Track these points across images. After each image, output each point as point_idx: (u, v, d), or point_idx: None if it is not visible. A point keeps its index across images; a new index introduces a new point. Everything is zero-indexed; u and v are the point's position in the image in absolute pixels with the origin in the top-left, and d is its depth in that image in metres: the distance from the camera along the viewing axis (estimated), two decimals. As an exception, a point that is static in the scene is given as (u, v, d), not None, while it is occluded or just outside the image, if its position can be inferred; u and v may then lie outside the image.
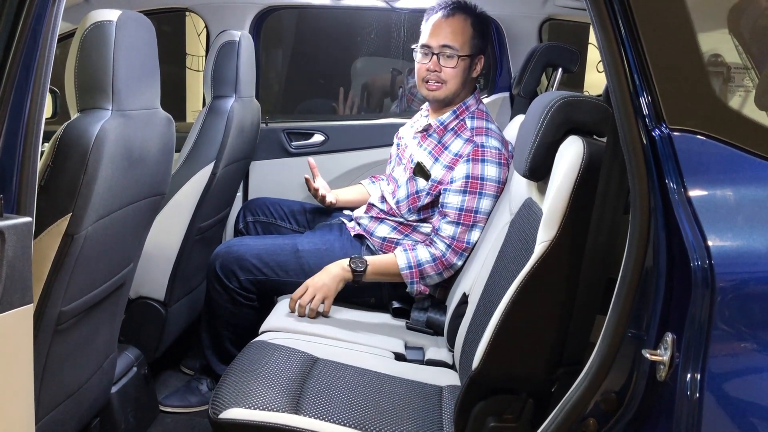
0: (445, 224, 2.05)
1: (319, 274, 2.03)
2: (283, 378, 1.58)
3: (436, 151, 2.14)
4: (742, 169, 1.08)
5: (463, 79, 2.13)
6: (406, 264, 2.05)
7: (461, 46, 2.10)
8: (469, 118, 2.14)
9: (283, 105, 4.68)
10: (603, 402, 1.13)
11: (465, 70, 2.13)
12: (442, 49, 2.11)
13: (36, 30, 1.14)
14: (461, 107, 2.16)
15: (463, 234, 2.03)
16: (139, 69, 1.55)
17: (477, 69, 2.16)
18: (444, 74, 2.12)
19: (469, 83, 2.17)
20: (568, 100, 1.43)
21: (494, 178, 2.02)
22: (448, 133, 2.14)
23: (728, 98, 1.30)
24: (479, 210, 2.02)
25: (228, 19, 2.76)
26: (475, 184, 2.02)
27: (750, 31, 1.39)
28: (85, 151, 1.34)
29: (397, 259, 2.06)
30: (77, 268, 1.43)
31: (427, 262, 2.05)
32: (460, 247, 2.04)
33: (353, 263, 2.04)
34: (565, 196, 1.30)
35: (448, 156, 2.10)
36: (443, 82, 2.12)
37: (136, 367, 2.04)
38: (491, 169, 2.02)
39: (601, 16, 1.12)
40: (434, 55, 2.12)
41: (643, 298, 1.09)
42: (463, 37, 2.11)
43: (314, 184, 2.44)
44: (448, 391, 1.68)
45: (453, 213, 2.03)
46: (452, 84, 2.13)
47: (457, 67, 2.11)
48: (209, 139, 2.27)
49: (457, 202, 2.03)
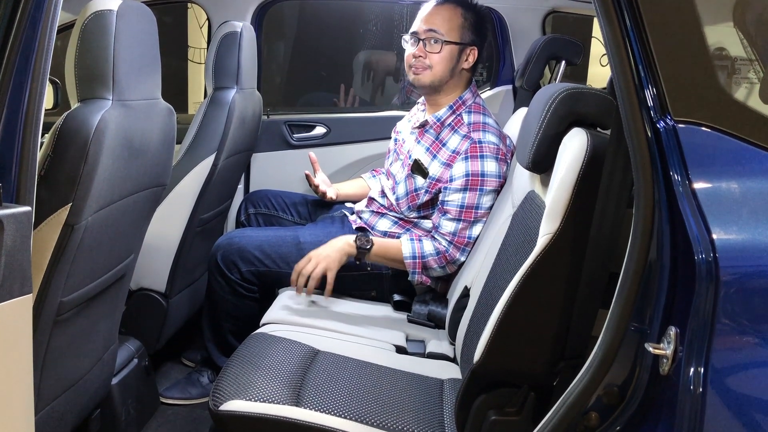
0: (446, 221, 2.04)
1: (323, 246, 2.02)
2: (284, 370, 1.58)
3: (434, 147, 2.13)
4: (747, 161, 1.07)
5: (449, 66, 2.11)
6: (410, 253, 2.05)
7: (447, 32, 2.09)
8: (466, 113, 2.12)
9: (285, 97, 4.66)
10: (605, 396, 1.12)
11: (453, 57, 2.11)
12: (427, 34, 2.10)
13: (35, 17, 1.13)
14: (457, 102, 2.14)
15: (464, 230, 2.03)
16: (140, 59, 1.54)
17: (469, 60, 2.13)
18: (429, 59, 2.11)
19: (460, 75, 2.14)
20: (571, 92, 1.42)
21: (494, 173, 2.01)
22: (446, 129, 2.13)
23: (733, 91, 1.29)
24: (480, 206, 2.02)
25: (230, 11, 2.75)
26: (476, 181, 2.01)
27: (755, 25, 1.38)
28: (86, 141, 1.33)
29: (403, 246, 2.06)
30: (77, 259, 1.42)
31: (431, 255, 2.04)
32: (461, 243, 2.03)
33: (359, 240, 2.03)
34: (569, 189, 1.29)
35: (445, 153, 2.09)
36: (428, 67, 2.11)
37: (136, 358, 2.04)
38: (491, 164, 2.01)
39: (606, 7, 1.11)
40: (420, 41, 2.11)
41: (647, 292, 1.08)
42: (450, 23, 2.10)
43: (314, 180, 2.43)
44: (450, 384, 1.68)
45: (454, 210, 2.03)
46: (438, 69, 2.11)
47: (442, 52, 2.09)
48: (210, 131, 2.26)
49: (458, 199, 2.02)
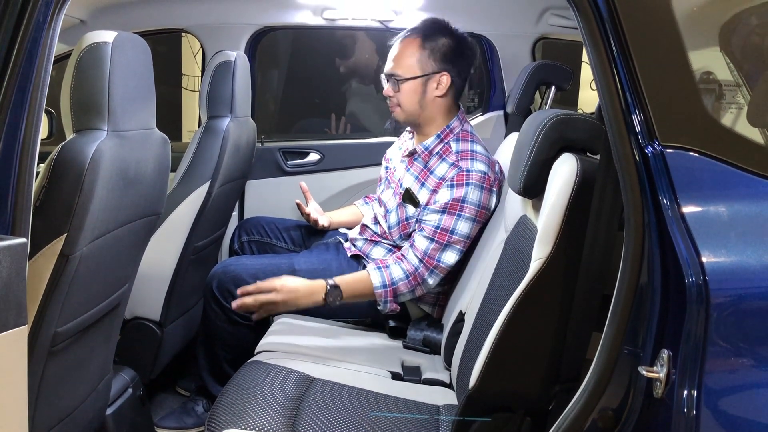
0: (420, 237, 2.05)
1: (303, 287, 1.97)
2: (279, 398, 1.57)
3: (422, 175, 2.14)
4: (734, 185, 1.09)
5: (416, 99, 2.14)
6: (380, 283, 2.03)
7: (405, 70, 2.12)
8: (454, 141, 2.13)
9: (279, 124, 4.69)
10: (600, 419, 1.12)
11: (416, 91, 2.13)
12: (389, 76, 2.16)
13: (32, 52, 1.14)
14: (445, 130, 2.15)
15: (435, 251, 2.03)
16: (135, 90, 1.55)
17: (440, 87, 2.13)
18: (396, 98, 2.16)
19: (434, 102, 2.14)
20: (561, 118, 1.44)
21: (475, 201, 2.02)
22: (434, 157, 2.14)
23: (720, 115, 1.31)
24: (455, 231, 2.02)
25: (224, 40, 2.77)
26: (455, 205, 2.02)
27: (741, 49, 1.41)
28: (81, 172, 1.34)
29: (372, 278, 2.04)
30: (72, 289, 1.42)
31: (401, 279, 2.04)
32: (431, 264, 2.03)
33: (329, 296, 1.98)
34: (560, 213, 1.31)
35: (433, 180, 2.10)
36: (397, 104, 2.16)
37: (131, 388, 2.03)
38: (473, 192, 2.02)
39: (593, 35, 1.14)
40: (388, 81, 2.17)
41: (639, 315, 1.09)
42: (408, 60, 2.12)
43: (306, 209, 2.44)
44: (446, 410, 1.67)
45: (429, 229, 2.04)
46: (407, 105, 2.15)
47: (401, 90, 2.13)
48: (205, 159, 2.27)
49: (434, 220, 2.04)
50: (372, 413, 1.57)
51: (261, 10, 2.80)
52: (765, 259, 1.03)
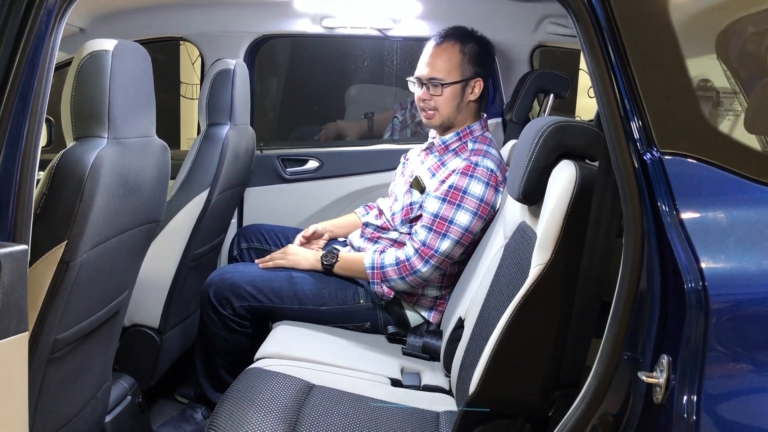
0: (420, 227, 2.09)
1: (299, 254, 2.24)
2: (278, 405, 1.57)
3: (435, 167, 2.18)
4: (732, 191, 1.10)
5: (455, 104, 2.17)
6: (370, 264, 2.13)
7: (446, 75, 2.14)
8: (472, 141, 2.18)
9: (278, 132, 4.70)
10: (600, 425, 1.13)
11: (456, 95, 2.16)
12: (429, 80, 2.16)
13: (33, 61, 1.15)
14: (465, 131, 2.19)
15: (433, 241, 2.05)
16: (135, 97, 1.56)
17: (474, 92, 2.18)
18: (434, 102, 2.17)
19: (467, 107, 2.19)
20: (560, 125, 1.45)
21: (477, 194, 2.03)
22: (449, 152, 2.19)
23: (718, 122, 1.32)
24: (454, 221, 2.04)
25: (222, 48, 2.78)
26: (456, 195, 2.04)
27: (738, 56, 1.42)
28: (81, 179, 1.34)
29: (365, 257, 2.14)
30: (72, 296, 1.42)
31: (390, 265, 2.09)
32: (426, 253, 2.05)
33: (325, 258, 2.19)
34: (559, 220, 1.31)
35: (444, 172, 2.14)
36: (435, 109, 2.17)
37: (130, 395, 2.02)
38: (477, 185, 2.04)
39: (591, 42, 1.14)
40: (424, 85, 2.17)
41: (638, 321, 1.09)
42: (449, 64, 2.15)
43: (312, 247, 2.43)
44: (446, 416, 1.67)
45: (428, 218, 2.07)
46: (444, 110, 2.17)
47: (444, 95, 2.15)
48: (204, 166, 2.28)
49: (434, 208, 2.06)
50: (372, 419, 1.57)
51: (260, 18, 2.81)
52: (763, 265, 1.04)
